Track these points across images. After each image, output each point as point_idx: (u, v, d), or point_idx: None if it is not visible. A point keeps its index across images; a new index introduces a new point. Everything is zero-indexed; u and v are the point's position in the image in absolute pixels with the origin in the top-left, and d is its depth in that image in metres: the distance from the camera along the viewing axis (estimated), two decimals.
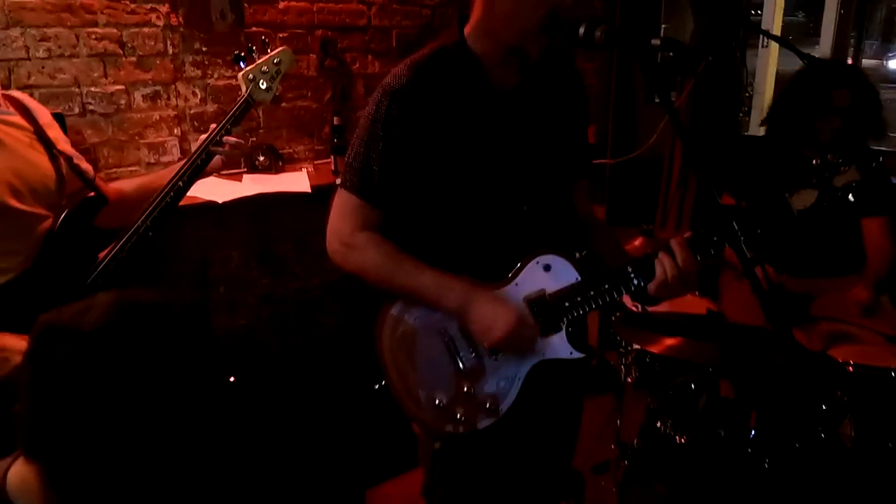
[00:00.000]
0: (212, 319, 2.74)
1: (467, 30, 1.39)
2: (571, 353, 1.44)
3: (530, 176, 1.43)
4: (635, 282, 1.37)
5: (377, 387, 1.46)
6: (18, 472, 0.89)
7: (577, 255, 1.46)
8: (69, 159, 1.56)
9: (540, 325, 1.41)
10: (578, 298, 1.41)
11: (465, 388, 1.42)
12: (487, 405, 1.43)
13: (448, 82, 1.36)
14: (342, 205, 1.44)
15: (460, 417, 1.42)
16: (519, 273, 1.43)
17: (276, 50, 1.81)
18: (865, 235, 2.44)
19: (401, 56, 3.15)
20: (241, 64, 1.78)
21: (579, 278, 1.42)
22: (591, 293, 1.40)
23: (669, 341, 2.18)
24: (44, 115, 1.57)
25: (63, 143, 1.58)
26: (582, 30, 1.24)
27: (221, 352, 2.71)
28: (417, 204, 1.43)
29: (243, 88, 1.76)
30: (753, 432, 1.97)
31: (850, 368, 1.96)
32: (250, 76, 1.76)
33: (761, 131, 2.69)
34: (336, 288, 3.02)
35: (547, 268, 1.42)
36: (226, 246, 2.73)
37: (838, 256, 2.51)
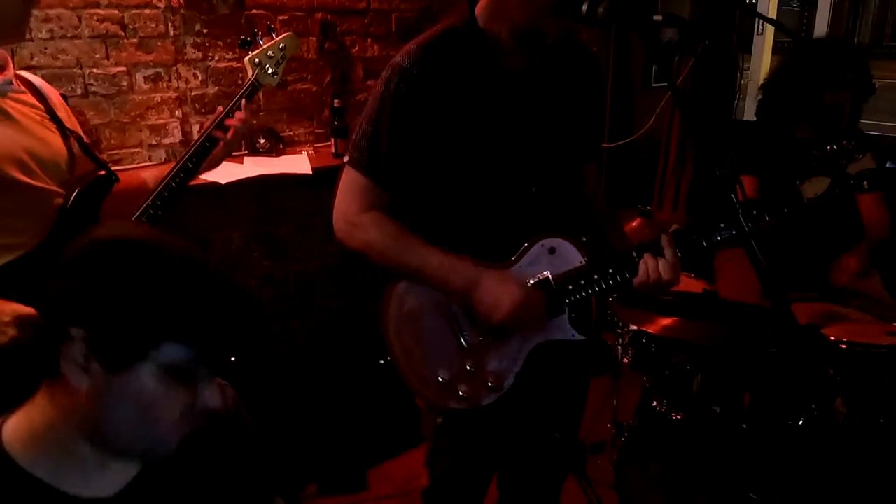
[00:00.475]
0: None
1: (478, 10, 1.39)
2: (574, 336, 1.46)
3: (539, 158, 1.44)
4: (630, 270, 1.39)
5: (382, 362, 1.49)
6: (18, 422, 0.91)
7: (583, 238, 1.48)
8: (80, 139, 1.58)
9: (545, 303, 1.43)
10: (582, 282, 1.42)
11: (468, 366, 1.45)
12: (490, 383, 1.45)
13: (458, 62, 1.37)
14: (349, 183, 1.44)
15: (463, 394, 1.44)
16: (524, 255, 1.45)
17: (282, 35, 1.84)
18: (862, 210, 2.43)
19: (400, 40, 3.19)
20: (248, 49, 1.81)
21: (584, 262, 1.43)
22: (595, 277, 1.42)
23: (665, 321, 2.22)
24: (54, 95, 1.59)
25: (72, 124, 1.60)
26: (585, 6, 1.24)
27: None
28: (424, 184, 1.44)
29: (250, 72, 1.78)
30: (748, 410, 2.02)
31: (843, 346, 2.00)
32: (256, 60, 1.79)
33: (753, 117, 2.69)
34: (336, 270, 3.05)
35: (552, 251, 1.44)
36: (227, 227, 2.75)
37: (842, 246, 2.52)
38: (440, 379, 1.44)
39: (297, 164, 2.78)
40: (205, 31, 2.66)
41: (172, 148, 2.70)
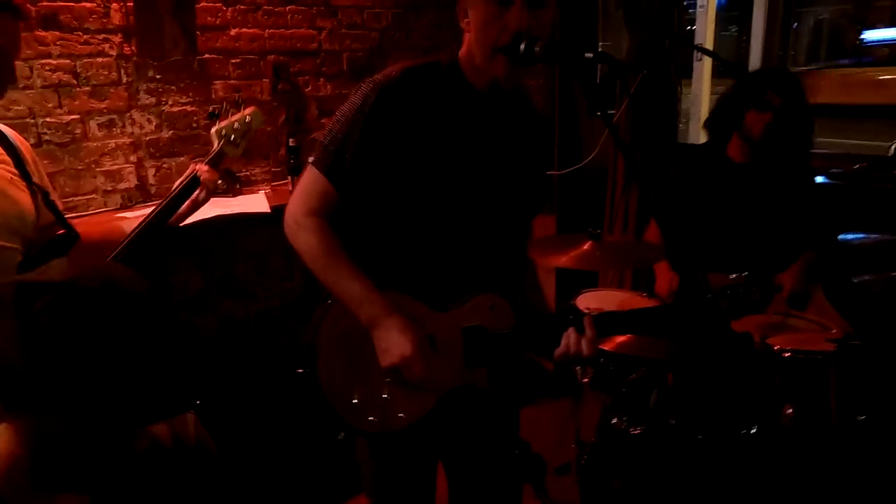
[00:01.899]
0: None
1: (461, 54, 1.47)
2: (487, 386, 1.54)
3: (489, 203, 1.50)
4: (551, 341, 1.48)
5: (299, 372, 1.52)
6: None
7: (518, 301, 1.57)
8: (45, 194, 1.58)
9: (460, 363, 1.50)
10: (508, 343, 1.51)
11: (385, 394, 1.49)
12: (401, 414, 1.50)
13: (434, 92, 1.44)
14: (308, 182, 1.49)
15: (373, 419, 1.49)
16: (465, 304, 1.52)
17: (249, 110, 1.90)
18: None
19: (352, 78, 3.28)
20: (215, 119, 1.87)
21: (514, 327, 1.52)
22: (519, 341, 1.52)
23: (620, 339, 2.30)
24: (25, 147, 1.60)
25: (40, 177, 1.61)
26: (522, 46, 1.33)
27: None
28: (377, 202, 1.49)
29: (216, 143, 1.84)
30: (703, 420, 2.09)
31: (787, 354, 2.10)
32: (223, 132, 1.84)
33: (698, 140, 2.84)
34: (298, 307, 3.07)
35: (492, 307, 1.52)
36: (185, 269, 2.76)
37: (776, 259, 2.65)
38: (354, 401, 1.48)
39: (255, 203, 2.81)
40: (157, 76, 2.70)
41: (128, 193, 2.71)
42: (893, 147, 3.19)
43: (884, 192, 2.97)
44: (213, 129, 1.84)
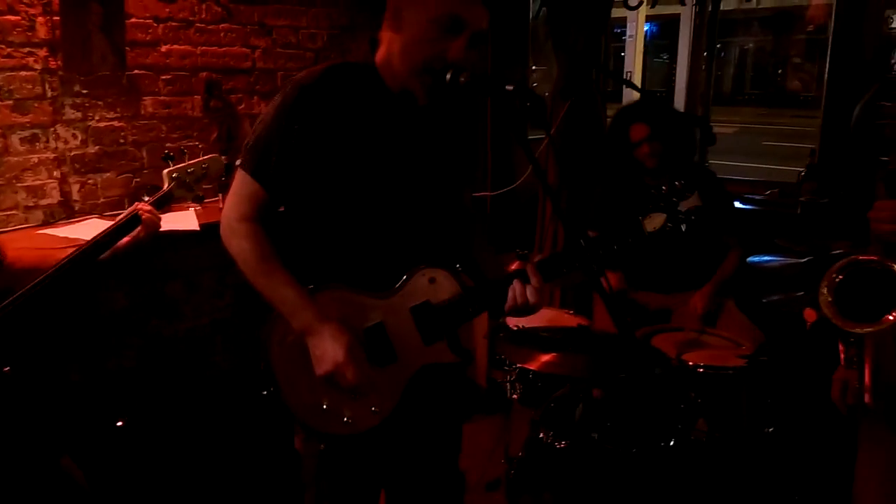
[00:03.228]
0: (99, 363, 2.69)
1: (378, 57, 1.51)
2: (453, 358, 1.58)
3: (416, 187, 1.55)
4: (499, 297, 1.53)
5: (265, 393, 1.53)
6: None
7: (458, 267, 1.60)
8: None
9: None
10: (458, 309, 1.54)
11: (353, 395, 1.50)
12: (374, 408, 1.52)
13: (355, 90, 1.47)
14: (238, 186, 1.50)
15: (347, 419, 1.51)
16: (405, 284, 1.54)
17: (209, 156, 1.86)
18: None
19: None
20: (170, 162, 1.83)
21: (459, 291, 1.55)
22: (468, 307, 1.55)
23: (546, 357, 2.37)
24: None
25: None
26: (449, 75, 1.39)
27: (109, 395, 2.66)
28: (308, 199, 1.51)
29: (165, 184, 1.80)
30: (624, 434, 2.17)
31: (700, 370, 2.21)
32: (175, 175, 1.81)
33: None
34: (229, 325, 3.04)
35: (432, 280, 1.55)
36: (112, 287, 2.70)
37: (690, 273, 2.81)
38: (324, 406, 1.50)
39: (184, 220, 2.77)
40: (84, 91, 2.65)
41: (51, 209, 2.64)
42: (801, 173, 3.40)
43: (792, 217, 3.17)
44: (166, 171, 1.80)
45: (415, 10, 1.41)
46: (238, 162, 1.51)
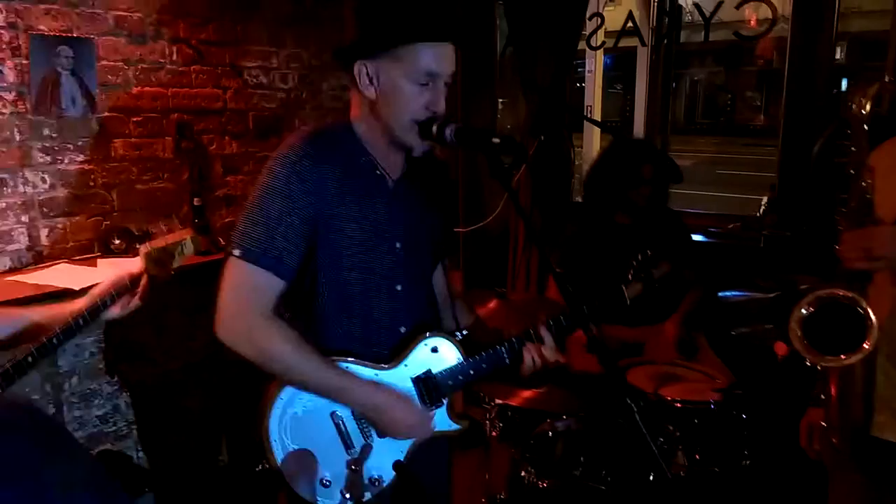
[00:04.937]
0: (65, 411, 2.61)
1: (352, 116, 1.51)
2: (451, 426, 1.59)
3: (405, 257, 1.55)
4: (507, 362, 1.56)
5: (258, 469, 1.51)
6: None
7: (459, 335, 1.61)
8: None
9: (432, 413, 1.55)
10: (460, 377, 1.56)
11: (353, 467, 1.49)
12: (372, 481, 1.53)
13: (339, 162, 1.46)
14: (242, 279, 1.40)
15: (346, 495, 1.48)
16: (408, 355, 1.55)
17: (185, 238, 1.83)
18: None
19: (258, 137, 3.29)
20: (147, 240, 1.81)
21: (462, 360, 1.57)
22: (472, 373, 1.56)
23: (526, 394, 2.39)
24: None
25: None
26: (435, 128, 1.42)
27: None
28: (306, 273, 1.48)
29: (140, 264, 1.77)
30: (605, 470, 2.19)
31: (678, 405, 2.25)
32: (152, 254, 1.78)
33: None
34: (200, 368, 2.98)
35: (434, 350, 1.56)
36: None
37: (661, 307, 2.87)
38: (325, 482, 1.49)
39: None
40: (53, 134, 2.62)
41: (18, 254, 2.58)
42: (762, 206, 3.51)
43: (755, 250, 3.27)
44: (143, 250, 1.77)
45: (390, 74, 1.42)
46: (236, 252, 1.40)
